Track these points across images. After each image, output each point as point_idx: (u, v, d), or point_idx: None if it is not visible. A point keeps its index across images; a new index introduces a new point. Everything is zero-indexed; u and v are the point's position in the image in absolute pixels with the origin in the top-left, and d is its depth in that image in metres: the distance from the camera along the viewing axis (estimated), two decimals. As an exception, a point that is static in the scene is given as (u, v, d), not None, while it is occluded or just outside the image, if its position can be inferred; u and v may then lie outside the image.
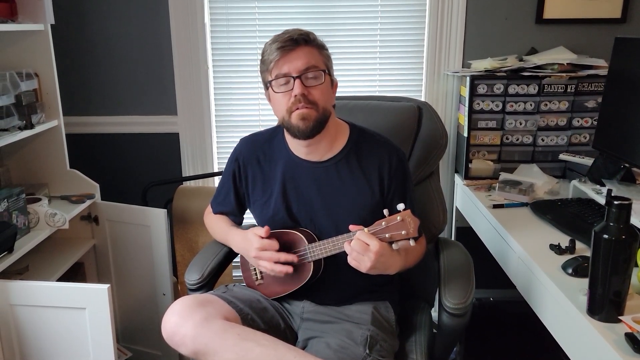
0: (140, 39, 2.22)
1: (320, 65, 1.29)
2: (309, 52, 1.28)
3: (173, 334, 1.21)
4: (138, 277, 2.02)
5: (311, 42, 1.29)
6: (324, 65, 1.31)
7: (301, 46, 1.27)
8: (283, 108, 1.29)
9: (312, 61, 1.28)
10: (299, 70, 1.26)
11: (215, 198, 1.56)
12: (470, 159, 2.09)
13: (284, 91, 1.28)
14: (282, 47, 1.26)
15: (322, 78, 1.29)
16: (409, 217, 1.19)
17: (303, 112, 1.27)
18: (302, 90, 1.26)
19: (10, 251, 1.56)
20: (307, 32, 1.30)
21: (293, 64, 1.26)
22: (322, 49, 1.32)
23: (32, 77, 1.81)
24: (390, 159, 1.38)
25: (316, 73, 1.28)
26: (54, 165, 1.96)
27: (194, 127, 2.29)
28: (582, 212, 1.61)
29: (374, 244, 1.17)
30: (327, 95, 1.32)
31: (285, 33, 1.28)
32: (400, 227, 1.19)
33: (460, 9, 2.17)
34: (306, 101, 1.27)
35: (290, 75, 1.26)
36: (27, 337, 1.56)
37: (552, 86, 2.00)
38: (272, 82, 1.29)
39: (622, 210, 1.05)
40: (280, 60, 1.26)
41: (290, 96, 1.27)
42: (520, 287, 1.52)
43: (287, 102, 1.28)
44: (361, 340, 1.27)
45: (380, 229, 1.20)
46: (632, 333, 1.03)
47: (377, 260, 1.18)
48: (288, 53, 1.26)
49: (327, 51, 1.34)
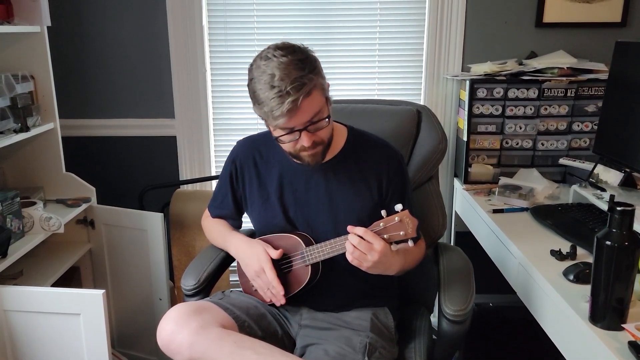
0: (138, 41, 2.21)
1: (323, 110, 1.22)
2: (310, 100, 1.17)
3: (169, 342, 1.19)
4: (134, 282, 2.00)
5: (308, 85, 1.16)
6: (324, 100, 1.23)
7: (302, 101, 1.15)
8: (289, 149, 1.28)
9: (315, 109, 1.20)
10: (304, 123, 1.21)
11: (213, 201, 1.54)
12: (470, 163, 2.08)
13: (289, 140, 1.25)
14: (288, 110, 1.14)
15: (326, 119, 1.24)
16: (407, 218, 1.18)
17: (311, 152, 1.26)
18: (309, 141, 1.22)
19: (4, 256, 1.54)
20: (301, 75, 1.14)
21: (298, 119, 1.19)
22: (317, 78, 1.19)
23: (28, 80, 1.80)
24: (388, 161, 1.37)
25: (321, 120, 1.23)
26: (49, 169, 1.94)
27: (191, 131, 2.28)
28: (582, 218, 1.60)
29: (378, 243, 1.16)
30: (330, 127, 1.29)
31: (282, 87, 1.13)
32: (399, 227, 1.18)
33: (460, 13, 2.16)
34: (313, 145, 1.25)
35: (297, 129, 1.21)
36: (21, 343, 1.54)
37: (552, 90, 1.99)
38: (273, 130, 1.25)
39: (625, 216, 1.04)
40: (285, 120, 1.17)
41: (297, 143, 1.24)
42: (520, 293, 1.50)
43: (293, 146, 1.26)
44: (360, 347, 1.26)
45: (378, 230, 1.19)
46: (636, 341, 1.02)
47: (380, 260, 1.17)
48: (292, 112, 1.16)
49: (320, 77, 1.21)
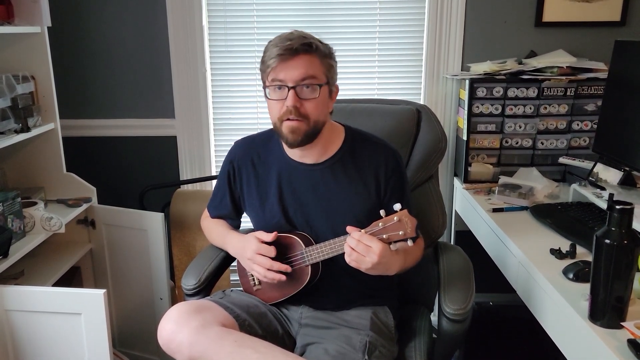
0: (138, 41, 2.21)
1: (319, 77, 1.26)
2: (309, 61, 1.24)
3: (169, 341, 1.19)
4: (135, 282, 2.01)
5: (313, 50, 1.24)
6: (324, 76, 1.27)
7: (301, 55, 1.23)
8: (275, 115, 1.28)
9: (310, 71, 1.24)
10: (295, 80, 1.23)
11: (212, 202, 1.55)
12: (470, 162, 2.08)
13: (277, 98, 1.26)
14: (281, 54, 1.22)
15: (318, 92, 1.26)
16: (406, 217, 1.18)
17: (293, 124, 1.25)
18: (294, 102, 1.24)
19: (5, 256, 1.54)
20: (311, 41, 1.24)
21: (290, 72, 1.23)
22: (325, 57, 1.27)
23: (28, 80, 1.80)
24: (386, 160, 1.37)
25: (313, 86, 1.25)
26: (50, 169, 1.94)
27: (191, 131, 2.28)
28: (582, 216, 1.60)
29: (376, 245, 1.16)
30: (321, 108, 1.29)
31: (289, 38, 1.24)
32: (398, 227, 1.18)
33: (460, 12, 2.16)
34: (297, 114, 1.24)
35: (285, 85, 1.24)
36: (22, 343, 1.54)
37: (552, 89, 1.99)
38: (268, 87, 1.28)
39: (624, 214, 1.04)
40: (278, 67, 1.23)
41: (283, 105, 1.25)
42: (520, 291, 1.51)
43: (280, 109, 1.26)
44: (360, 346, 1.26)
45: (377, 230, 1.19)
46: (635, 339, 1.02)
47: (379, 261, 1.17)
48: (286, 61, 1.23)
49: (330, 60, 1.29)
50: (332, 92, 1.33)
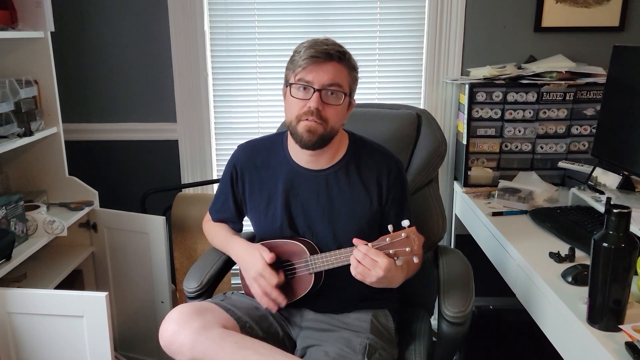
0: (140, 46, 2.23)
1: (344, 86, 1.29)
2: (338, 69, 1.28)
3: (171, 342, 1.20)
4: (136, 285, 2.01)
5: (345, 60, 1.29)
6: (348, 87, 1.31)
7: (333, 62, 1.27)
8: (294, 113, 1.29)
9: (337, 79, 1.27)
10: (323, 84, 1.26)
11: (214, 205, 1.55)
12: (470, 166, 2.09)
13: (300, 98, 1.28)
14: (315, 57, 1.25)
15: (341, 99, 1.29)
16: (413, 234, 1.19)
17: (311, 124, 1.27)
18: (317, 104, 1.26)
19: (8, 259, 1.55)
20: (345, 51, 1.29)
21: (319, 75, 1.26)
22: (352, 70, 1.32)
23: (31, 84, 1.81)
24: (389, 168, 1.39)
25: (337, 93, 1.28)
26: (52, 172, 1.95)
27: (193, 135, 2.29)
28: (581, 220, 1.61)
29: (383, 260, 1.17)
30: (340, 116, 1.32)
31: (325, 43, 1.27)
32: (405, 244, 1.19)
33: (459, 17, 2.18)
34: (318, 116, 1.26)
35: (311, 86, 1.26)
36: (25, 345, 1.55)
37: (551, 94, 2.00)
38: (292, 84, 1.29)
39: (621, 218, 1.05)
40: (308, 68, 1.25)
41: (305, 105, 1.27)
42: (519, 295, 1.51)
43: (300, 109, 1.28)
44: (360, 348, 1.27)
45: (384, 245, 1.20)
46: (633, 342, 1.03)
47: (384, 276, 1.17)
48: (318, 64, 1.25)
49: (355, 73, 1.33)
50: (350, 104, 1.36)
